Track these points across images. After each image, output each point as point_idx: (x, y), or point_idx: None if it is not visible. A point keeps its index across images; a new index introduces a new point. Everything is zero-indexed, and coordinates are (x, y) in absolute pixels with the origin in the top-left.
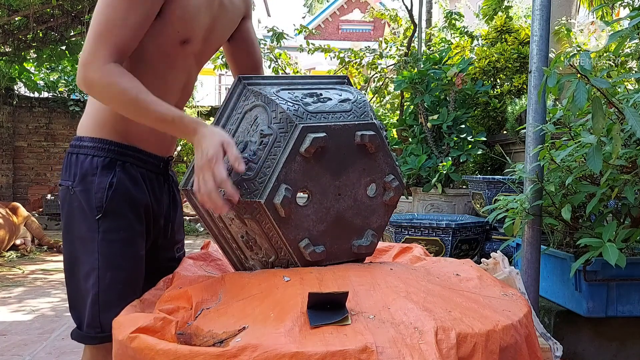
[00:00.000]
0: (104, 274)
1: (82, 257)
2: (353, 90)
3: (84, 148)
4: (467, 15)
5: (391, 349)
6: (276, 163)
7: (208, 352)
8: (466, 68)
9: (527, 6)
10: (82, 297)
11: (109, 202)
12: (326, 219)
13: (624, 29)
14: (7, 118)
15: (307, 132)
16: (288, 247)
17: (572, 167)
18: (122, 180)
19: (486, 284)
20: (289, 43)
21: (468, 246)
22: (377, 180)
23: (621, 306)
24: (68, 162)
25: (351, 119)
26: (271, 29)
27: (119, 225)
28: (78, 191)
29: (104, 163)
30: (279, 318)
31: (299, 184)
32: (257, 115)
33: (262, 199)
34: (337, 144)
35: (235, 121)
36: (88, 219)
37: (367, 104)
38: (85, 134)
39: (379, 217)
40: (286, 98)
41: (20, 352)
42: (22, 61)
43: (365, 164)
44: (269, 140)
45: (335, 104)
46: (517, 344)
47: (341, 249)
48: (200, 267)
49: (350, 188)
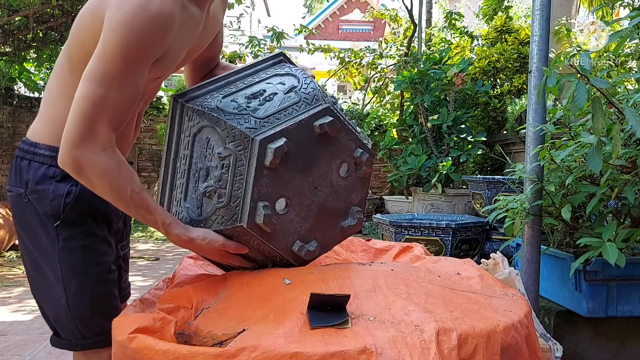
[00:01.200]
0: (69, 282)
1: (45, 265)
2: (293, 70)
3: (39, 156)
4: (467, 15)
5: (391, 349)
6: (245, 183)
7: (207, 352)
8: (466, 68)
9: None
10: (53, 304)
11: (69, 210)
12: (310, 215)
13: (624, 29)
14: (7, 118)
15: (266, 144)
16: (282, 255)
17: (572, 167)
18: (81, 190)
19: (487, 284)
20: (289, 43)
21: (468, 246)
22: (347, 159)
23: (621, 306)
24: (17, 167)
25: (304, 110)
26: (271, 29)
27: (79, 231)
28: (32, 199)
29: (63, 173)
30: (279, 319)
31: (274, 196)
32: (209, 136)
33: (244, 222)
34: (298, 143)
35: (186, 145)
36: (45, 227)
37: (313, 84)
38: (41, 140)
39: (358, 192)
40: (231, 110)
41: (20, 352)
42: (22, 61)
43: (331, 149)
44: (230, 161)
45: (282, 98)
46: (517, 345)
47: (332, 235)
48: (200, 266)
49: (323, 178)
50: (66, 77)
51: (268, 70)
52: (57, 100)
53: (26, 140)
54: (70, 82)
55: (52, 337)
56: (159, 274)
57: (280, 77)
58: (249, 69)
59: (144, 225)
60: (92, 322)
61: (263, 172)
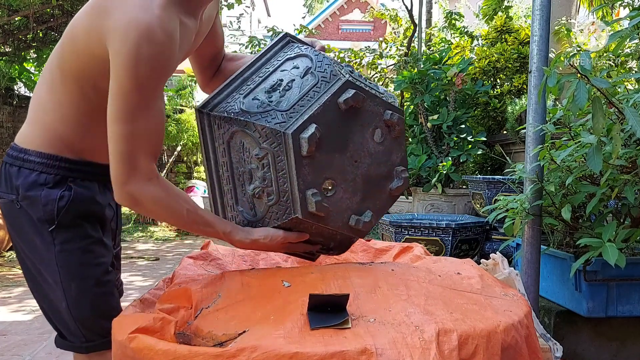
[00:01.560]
0: (68, 286)
1: (43, 270)
2: (303, 49)
3: (30, 162)
4: (467, 15)
5: (391, 350)
6: (289, 177)
7: (207, 352)
8: (466, 68)
9: (527, 6)
10: (55, 307)
11: (63, 214)
12: (357, 188)
13: (624, 29)
14: (7, 118)
15: (298, 135)
16: (342, 232)
17: (572, 167)
18: (76, 194)
19: (487, 284)
20: None
21: (468, 246)
22: (378, 124)
23: (621, 306)
24: (6, 173)
25: (324, 90)
26: (271, 28)
27: (75, 234)
28: (25, 205)
29: (55, 180)
30: (279, 319)
31: (319, 181)
32: (242, 140)
33: (298, 213)
34: (328, 124)
35: (223, 153)
36: (40, 232)
37: (326, 59)
38: (31, 147)
39: (396, 152)
40: (256, 109)
41: (20, 352)
42: (22, 61)
43: (360, 119)
44: (269, 159)
45: (301, 83)
46: (517, 345)
47: (382, 200)
48: (200, 266)
49: (360, 149)
50: (57, 85)
51: (279, 55)
52: (48, 107)
53: (15, 147)
54: (62, 89)
55: (56, 338)
56: (159, 274)
57: (293, 61)
58: (260, 59)
59: (143, 225)
60: (94, 324)
61: (303, 162)
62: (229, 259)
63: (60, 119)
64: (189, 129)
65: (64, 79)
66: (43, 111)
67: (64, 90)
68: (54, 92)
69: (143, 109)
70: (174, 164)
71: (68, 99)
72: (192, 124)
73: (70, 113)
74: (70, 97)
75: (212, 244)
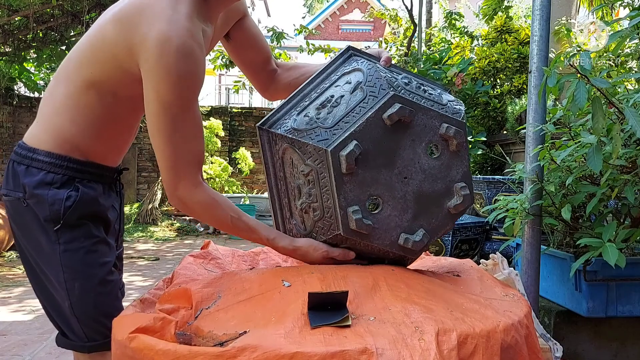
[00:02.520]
0: (72, 286)
1: (46, 269)
2: (360, 63)
3: (38, 162)
4: (467, 15)
5: (391, 350)
6: (332, 194)
7: (207, 352)
8: (466, 68)
9: (527, 6)
10: (58, 306)
11: (69, 215)
12: (408, 205)
13: (624, 29)
14: (7, 118)
15: (338, 153)
16: (391, 250)
17: (572, 167)
18: (82, 195)
19: (487, 284)
20: (289, 43)
21: (468, 246)
22: (433, 138)
23: (621, 306)
24: (13, 171)
25: (371, 105)
26: (271, 29)
27: (79, 234)
28: (32, 203)
29: (62, 180)
30: (279, 319)
31: (362, 198)
32: (291, 157)
33: (341, 230)
34: (372, 140)
35: (279, 168)
36: (46, 231)
37: (380, 72)
38: (40, 146)
39: (457, 167)
40: (304, 126)
41: (20, 352)
42: (22, 61)
43: (411, 134)
44: (313, 176)
45: (349, 99)
46: (517, 345)
47: (439, 219)
48: (200, 265)
49: (411, 165)
50: (74, 88)
51: (338, 70)
52: (61, 110)
53: (23, 145)
54: (77, 95)
55: (57, 337)
56: (159, 274)
57: (348, 76)
58: (321, 74)
59: (143, 225)
60: (96, 324)
61: (343, 179)
62: (229, 259)
63: (73, 121)
64: None
65: (83, 84)
66: (56, 114)
67: (81, 94)
68: (69, 96)
69: (184, 120)
70: None
71: (84, 103)
72: None
73: (84, 116)
74: (87, 101)
75: (212, 244)
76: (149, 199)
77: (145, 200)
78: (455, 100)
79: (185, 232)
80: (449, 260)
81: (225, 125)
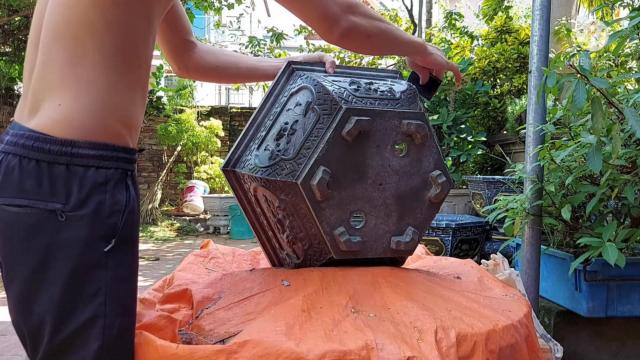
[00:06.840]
0: (111, 323)
1: (71, 306)
2: (304, 80)
3: (81, 157)
4: (467, 15)
5: (391, 345)
6: (314, 223)
7: (208, 349)
8: (466, 68)
9: (527, 6)
10: (75, 351)
11: (124, 228)
12: (390, 209)
13: (624, 29)
14: (7, 118)
15: (308, 183)
16: (387, 256)
17: (572, 167)
18: (133, 197)
19: (487, 284)
20: (289, 43)
21: (468, 246)
22: (396, 137)
23: (621, 306)
24: (50, 174)
25: (327, 124)
26: (271, 29)
27: (131, 255)
28: (77, 217)
29: (117, 177)
30: (280, 316)
31: (344, 217)
32: (263, 194)
33: (333, 254)
34: (338, 160)
35: (256, 204)
36: (88, 254)
37: (325, 86)
38: (79, 137)
39: (427, 158)
40: (267, 162)
41: (20, 352)
42: (22, 61)
43: (374, 140)
44: (291, 209)
45: (303, 123)
46: (517, 344)
47: (423, 212)
48: (200, 264)
49: (383, 170)
50: (91, 57)
51: (285, 90)
52: (92, 75)
53: (50, 139)
54: (101, 65)
55: None
56: (159, 274)
57: (296, 96)
58: (269, 97)
59: (143, 225)
60: None
61: (321, 206)
62: (229, 258)
63: (111, 85)
64: (188, 129)
65: (105, 53)
66: (82, 83)
67: (103, 67)
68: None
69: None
70: (174, 164)
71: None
72: (192, 123)
73: (116, 69)
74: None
75: (211, 243)
76: (149, 199)
77: (145, 200)
78: (405, 84)
79: (185, 232)
80: (450, 260)
81: (225, 125)
